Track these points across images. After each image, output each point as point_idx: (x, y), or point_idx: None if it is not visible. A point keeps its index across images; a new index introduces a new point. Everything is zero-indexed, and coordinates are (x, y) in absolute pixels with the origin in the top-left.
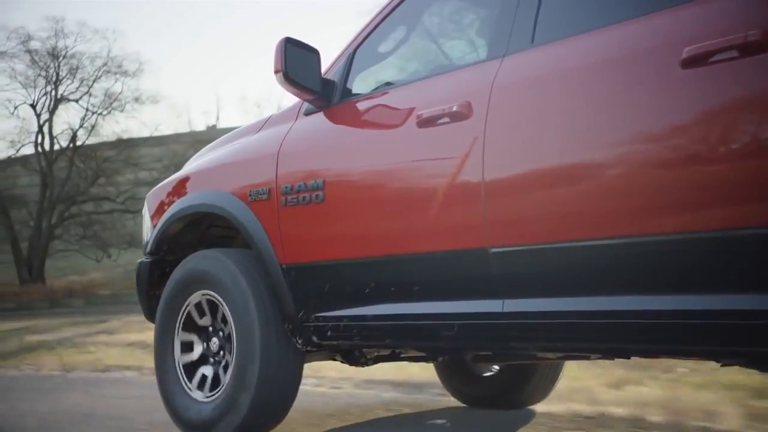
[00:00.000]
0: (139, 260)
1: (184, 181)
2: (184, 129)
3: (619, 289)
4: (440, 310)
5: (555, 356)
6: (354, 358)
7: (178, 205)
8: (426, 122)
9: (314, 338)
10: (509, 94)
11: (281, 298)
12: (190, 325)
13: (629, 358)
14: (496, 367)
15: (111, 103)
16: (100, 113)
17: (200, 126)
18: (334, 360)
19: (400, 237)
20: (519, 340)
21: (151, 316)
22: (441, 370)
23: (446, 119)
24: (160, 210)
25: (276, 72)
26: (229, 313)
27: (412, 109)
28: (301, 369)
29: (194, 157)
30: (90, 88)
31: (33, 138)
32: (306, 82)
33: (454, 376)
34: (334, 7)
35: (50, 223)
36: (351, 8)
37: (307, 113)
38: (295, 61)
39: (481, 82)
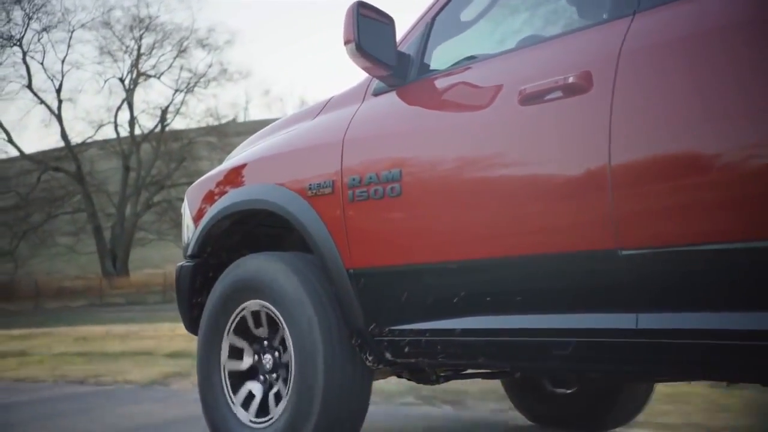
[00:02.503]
0: (180, 264)
1: (230, 174)
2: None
3: None
4: (551, 325)
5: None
6: (425, 375)
7: (225, 201)
8: (530, 98)
9: (388, 355)
10: (644, 61)
11: (348, 309)
12: (239, 340)
13: None
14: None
15: (199, 79)
16: (186, 90)
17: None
18: (400, 377)
19: (501, 236)
20: (654, 363)
21: (193, 327)
22: (509, 385)
23: (558, 93)
24: (202, 207)
25: (346, 42)
26: (286, 327)
27: (509, 85)
28: (369, 389)
29: (239, 147)
30: (174, 60)
31: (112, 118)
32: (380, 56)
33: (525, 392)
34: None
35: (136, 210)
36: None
37: (377, 93)
38: (368, 31)
39: (603, 47)
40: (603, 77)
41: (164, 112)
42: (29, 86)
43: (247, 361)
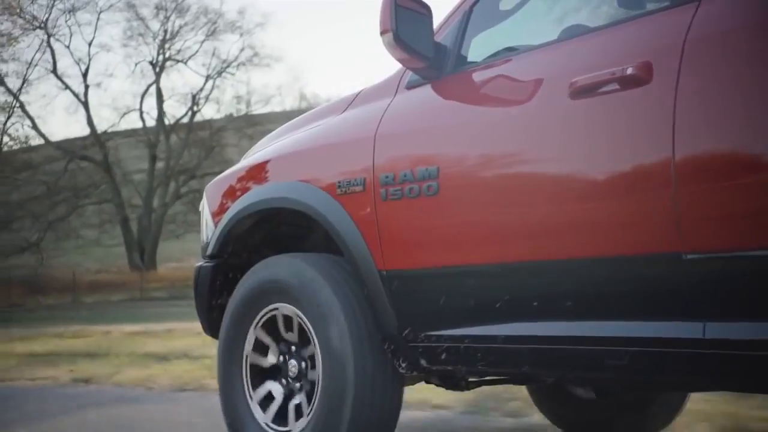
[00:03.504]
0: (198, 264)
1: (253, 170)
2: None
3: None
4: (606, 333)
5: None
6: (454, 381)
7: (248, 199)
8: (582, 91)
9: (423, 361)
10: (712, 50)
11: (380, 313)
12: (262, 345)
13: None
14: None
15: (229, 64)
16: (216, 75)
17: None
18: (428, 383)
19: (549, 238)
20: (723, 375)
21: (212, 330)
22: (535, 390)
23: (614, 86)
24: (223, 205)
25: (383, 32)
26: (313, 332)
27: (557, 77)
28: (401, 396)
29: (261, 142)
30: (202, 44)
31: (138, 104)
32: (417, 47)
33: (551, 397)
34: None
35: (164, 201)
36: None
37: (410, 86)
38: (405, 21)
39: (665, 36)
40: (666, 68)
41: (194, 98)
42: (54, 71)
43: (271, 370)
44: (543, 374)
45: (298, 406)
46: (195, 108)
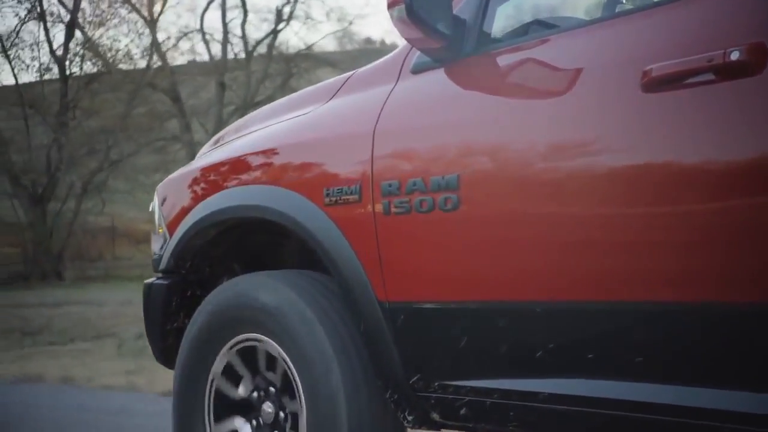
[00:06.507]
0: (148, 281)
1: (217, 169)
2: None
3: None
4: (698, 403)
5: None
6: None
7: (212, 205)
8: (661, 83)
9: (435, 415)
10: None
11: (381, 354)
12: (233, 373)
13: None
14: None
15: None
16: None
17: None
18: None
19: (608, 274)
20: None
21: (166, 358)
22: None
23: (708, 76)
24: (180, 210)
25: (392, 5)
26: (295, 371)
27: (623, 64)
28: None
29: (226, 132)
30: None
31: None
32: (435, 22)
33: None
34: None
35: None
36: None
37: (417, 70)
38: None
39: None
40: None
41: (279, 12)
42: None
43: (240, 405)
44: None
45: None
46: (278, 26)
